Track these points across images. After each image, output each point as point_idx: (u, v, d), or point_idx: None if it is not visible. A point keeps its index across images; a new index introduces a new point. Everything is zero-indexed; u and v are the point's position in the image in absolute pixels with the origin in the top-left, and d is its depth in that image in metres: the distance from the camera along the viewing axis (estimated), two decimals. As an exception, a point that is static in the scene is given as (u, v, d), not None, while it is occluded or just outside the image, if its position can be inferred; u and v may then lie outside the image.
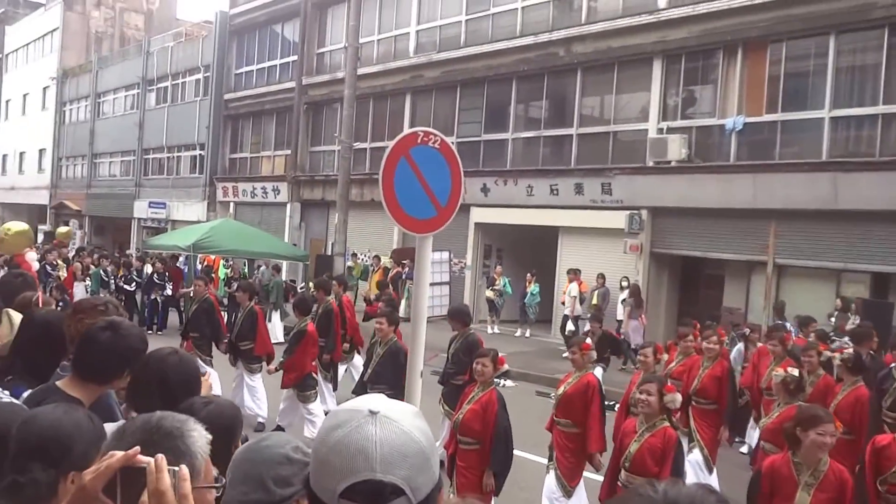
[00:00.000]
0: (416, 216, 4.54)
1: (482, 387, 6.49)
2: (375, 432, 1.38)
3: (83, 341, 2.86)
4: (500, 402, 6.37)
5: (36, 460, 1.97)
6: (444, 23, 22.51)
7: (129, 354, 2.83)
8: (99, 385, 2.85)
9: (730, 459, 8.77)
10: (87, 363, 2.82)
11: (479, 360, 6.51)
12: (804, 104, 15.49)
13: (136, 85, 36.31)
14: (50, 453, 1.98)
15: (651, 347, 8.06)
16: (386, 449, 1.37)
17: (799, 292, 15.62)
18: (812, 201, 14.73)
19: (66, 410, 2.15)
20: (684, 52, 17.21)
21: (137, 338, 2.90)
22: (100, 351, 2.79)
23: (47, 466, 1.97)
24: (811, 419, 4.75)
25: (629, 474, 5.50)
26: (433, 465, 1.42)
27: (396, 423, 1.40)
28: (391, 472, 1.36)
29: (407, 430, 1.40)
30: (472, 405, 6.43)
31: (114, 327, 2.86)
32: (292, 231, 26.92)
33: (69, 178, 42.41)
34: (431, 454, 1.42)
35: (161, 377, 2.74)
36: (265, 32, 29.84)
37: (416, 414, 1.47)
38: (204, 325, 11.28)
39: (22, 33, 48.21)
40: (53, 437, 2.01)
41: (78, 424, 2.07)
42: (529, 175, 19.69)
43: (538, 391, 13.73)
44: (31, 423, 2.06)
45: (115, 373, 2.84)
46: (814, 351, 8.33)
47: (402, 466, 1.36)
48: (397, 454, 1.37)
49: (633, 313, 16.54)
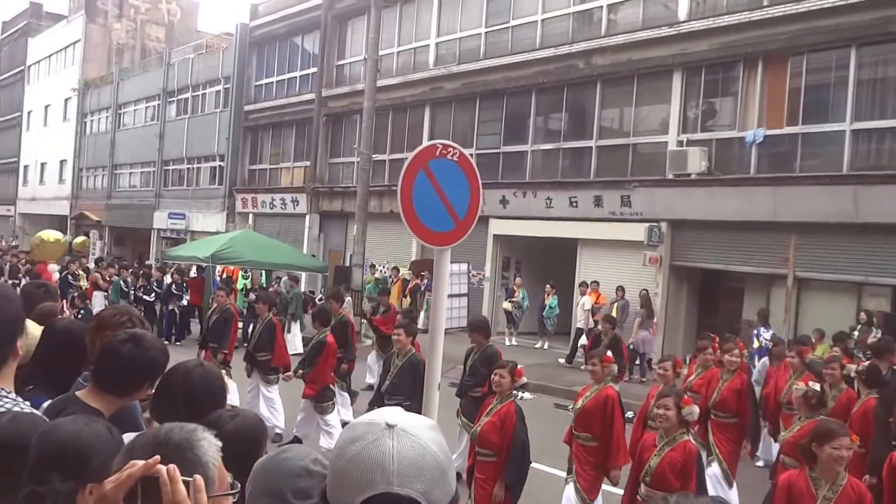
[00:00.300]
0: (434, 228, 4.54)
1: (500, 398, 6.48)
2: (393, 446, 1.39)
3: (104, 353, 2.86)
4: (519, 415, 6.36)
5: (55, 471, 1.97)
6: (464, 35, 22.56)
7: (150, 367, 2.83)
8: (119, 397, 2.85)
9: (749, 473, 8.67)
10: (107, 375, 2.82)
11: (497, 372, 6.50)
12: (825, 117, 15.38)
13: (157, 96, 36.59)
14: (69, 464, 1.97)
15: (670, 361, 8.00)
16: (403, 463, 1.37)
17: (819, 306, 15.48)
18: (833, 214, 14.61)
19: (87, 422, 2.14)
20: (704, 65, 17.15)
21: (159, 350, 2.89)
22: (121, 363, 2.78)
23: (66, 477, 1.96)
24: (826, 434, 4.73)
25: (649, 489, 5.45)
26: (450, 478, 1.43)
27: (414, 436, 1.41)
28: (408, 485, 1.36)
29: (424, 444, 1.41)
30: (490, 417, 6.42)
31: (136, 340, 2.85)
32: (311, 242, 26.99)
33: (90, 189, 42.77)
34: (448, 468, 1.43)
35: (186, 389, 2.76)
36: (285, 44, 30.01)
37: (432, 427, 1.47)
38: (223, 335, 11.35)
39: (44, 45, 48.78)
40: (73, 448, 2.00)
41: (97, 436, 2.07)
42: (548, 187, 19.66)
43: (556, 403, 13.66)
44: (50, 434, 2.06)
45: (136, 385, 2.84)
46: (836, 364, 8.24)
47: (419, 480, 1.37)
48: (414, 468, 1.38)
49: (644, 324, 16.55)
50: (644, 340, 16.45)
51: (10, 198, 51.71)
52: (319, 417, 9.86)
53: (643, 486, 5.53)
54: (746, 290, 17.41)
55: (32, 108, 49.83)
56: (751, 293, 17.24)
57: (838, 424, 5.05)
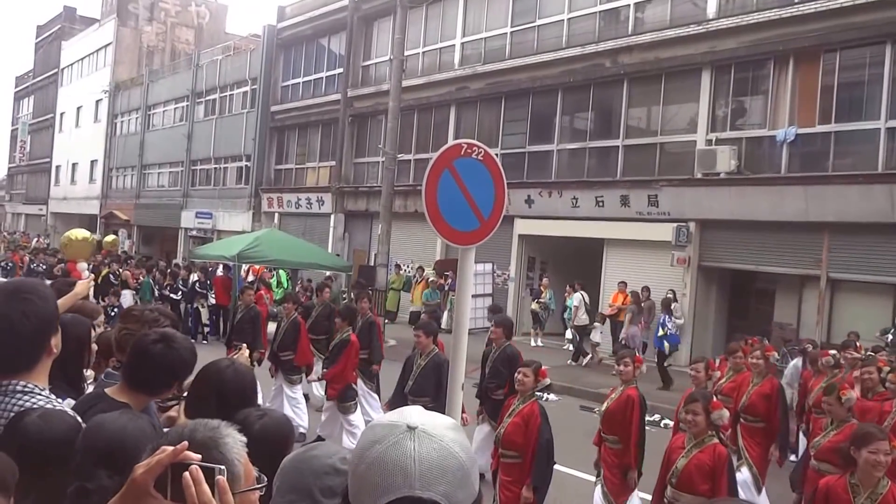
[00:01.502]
0: (458, 228, 4.51)
1: (522, 398, 6.40)
2: (414, 448, 1.36)
3: (135, 352, 2.89)
4: (543, 415, 6.30)
5: (102, 467, 2.01)
6: (490, 35, 22.50)
7: (179, 367, 2.88)
8: (148, 395, 2.89)
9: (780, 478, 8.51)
10: (138, 374, 2.86)
11: (521, 371, 6.46)
12: (859, 114, 15.11)
13: (186, 97, 36.97)
14: (115, 460, 2.01)
15: (703, 363, 7.88)
16: (425, 466, 1.35)
17: (853, 307, 15.21)
18: (867, 214, 14.35)
19: (131, 418, 2.22)
20: (734, 63, 16.93)
21: (189, 351, 2.93)
22: (152, 363, 2.82)
23: (113, 473, 1.99)
24: (864, 437, 4.63)
25: (675, 490, 5.39)
26: (473, 479, 1.40)
27: (435, 438, 1.38)
28: (430, 488, 1.34)
29: (446, 446, 1.38)
30: (513, 418, 6.34)
31: (166, 340, 2.88)
32: (336, 242, 27.07)
33: (119, 189, 43.31)
34: (471, 469, 1.40)
35: (218, 389, 2.84)
36: (312, 45, 30.15)
37: (454, 427, 1.44)
38: (248, 334, 11.36)
39: (77, 48, 49.51)
40: (119, 443, 2.06)
41: (142, 431, 2.13)
42: (574, 187, 19.53)
43: (582, 405, 13.54)
44: (96, 431, 2.12)
45: (166, 384, 2.89)
46: (873, 367, 8.06)
47: (441, 483, 1.34)
48: (437, 470, 1.35)
49: (635, 319, 16.69)
50: (633, 335, 16.57)
51: (42, 197, 52.54)
52: (343, 417, 9.82)
53: (669, 488, 5.46)
54: (778, 291, 17.18)
55: (65, 109, 50.62)
56: (782, 294, 17.01)
57: (877, 428, 4.94)
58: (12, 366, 2.45)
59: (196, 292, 19.66)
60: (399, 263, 23.46)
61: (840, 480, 4.76)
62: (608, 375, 14.41)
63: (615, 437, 6.89)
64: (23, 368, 2.46)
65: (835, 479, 4.85)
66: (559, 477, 8.04)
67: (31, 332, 2.46)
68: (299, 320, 11.20)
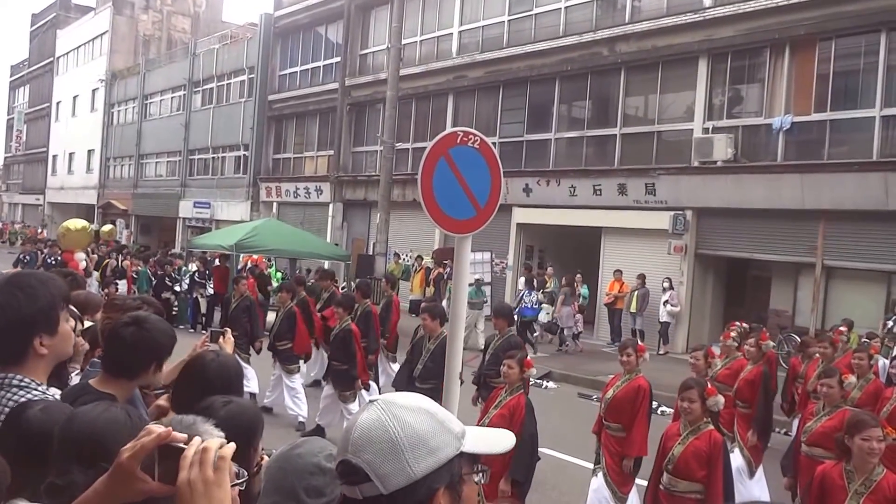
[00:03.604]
0: (454, 216, 4.50)
1: (509, 390, 6.28)
2: (361, 417, 1.46)
3: (108, 338, 2.89)
4: (528, 408, 6.16)
5: (74, 462, 1.96)
6: (487, 23, 22.45)
7: (154, 348, 2.84)
8: (129, 380, 2.86)
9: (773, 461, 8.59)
10: (113, 359, 2.84)
11: (506, 362, 6.29)
12: (854, 103, 15.14)
13: (182, 87, 36.85)
14: (88, 454, 1.97)
15: (702, 351, 7.91)
16: (359, 432, 1.43)
17: (848, 295, 15.28)
18: (862, 202, 14.40)
19: (104, 409, 2.13)
20: (730, 51, 16.94)
21: (163, 332, 2.90)
22: (124, 346, 2.80)
23: (86, 468, 1.95)
24: (856, 425, 4.67)
25: (672, 477, 5.41)
26: (408, 458, 1.40)
27: (383, 410, 1.44)
28: (358, 454, 1.41)
29: (386, 419, 1.43)
30: (499, 409, 6.18)
31: (137, 322, 2.86)
32: (334, 231, 27.07)
33: (116, 179, 43.23)
34: (409, 448, 1.41)
35: (203, 380, 2.77)
36: (309, 34, 30.06)
37: (416, 409, 1.46)
38: (245, 323, 11.42)
39: (73, 37, 49.29)
40: (89, 437, 2.00)
41: (114, 422, 2.05)
42: (572, 175, 19.55)
43: (580, 393, 13.62)
44: (68, 425, 2.06)
45: (143, 367, 2.84)
46: (864, 354, 8.13)
47: (367, 451, 1.41)
48: (365, 438, 1.42)
49: (567, 300, 17.58)
50: (565, 316, 17.53)
51: (39, 187, 52.44)
52: (343, 406, 9.86)
53: (665, 475, 5.48)
54: (773, 278, 17.26)
55: (61, 98, 50.43)
56: (778, 282, 17.08)
57: (869, 415, 4.97)
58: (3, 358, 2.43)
59: (195, 282, 19.66)
60: (398, 252, 23.48)
61: (835, 467, 4.80)
62: (606, 363, 14.48)
63: (619, 425, 6.83)
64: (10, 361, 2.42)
65: (830, 466, 4.89)
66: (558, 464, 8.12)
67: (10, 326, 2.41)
68: (295, 310, 11.24)
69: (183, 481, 1.44)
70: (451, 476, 1.46)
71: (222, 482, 1.46)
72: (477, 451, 1.52)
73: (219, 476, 1.46)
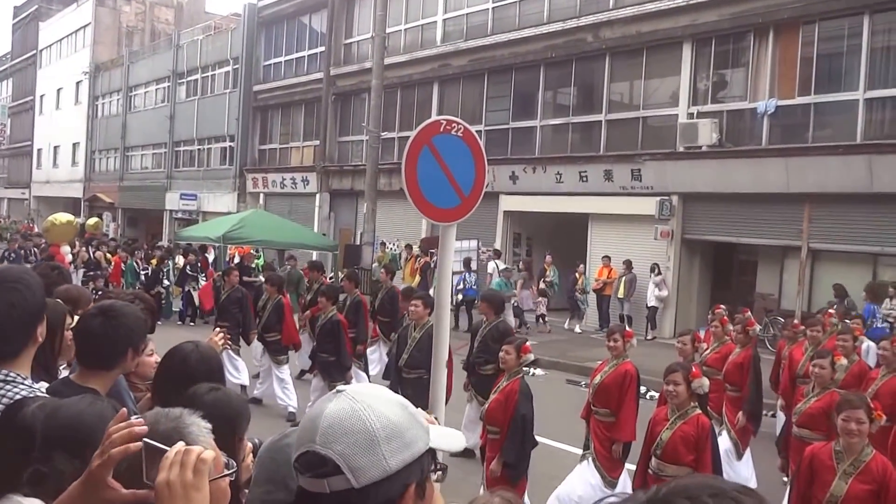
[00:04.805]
0: (439, 205, 4.50)
1: (508, 375, 6.42)
2: (329, 407, 1.40)
3: (78, 330, 2.88)
4: (523, 391, 6.26)
5: (58, 451, 1.98)
6: (471, 11, 22.38)
7: (126, 335, 2.83)
8: (107, 371, 2.84)
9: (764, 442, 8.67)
10: (85, 351, 2.84)
11: (503, 349, 6.44)
12: (838, 86, 15.20)
13: (167, 78, 36.60)
14: (72, 444, 1.98)
15: (689, 335, 7.97)
16: (328, 422, 1.37)
17: (834, 277, 15.34)
18: (847, 184, 14.48)
19: (91, 401, 2.16)
20: (714, 36, 16.96)
21: (133, 317, 2.88)
22: (94, 337, 2.79)
23: (70, 457, 1.98)
24: (841, 405, 4.78)
25: (660, 462, 5.44)
26: (383, 451, 1.36)
27: (353, 401, 1.40)
28: (328, 445, 1.35)
29: (359, 409, 1.38)
30: (497, 395, 6.37)
31: (104, 312, 2.85)
32: (321, 221, 27.03)
33: (102, 172, 42.96)
34: (384, 441, 1.37)
35: (185, 372, 2.76)
36: (293, 24, 29.91)
37: (388, 401, 1.43)
38: (236, 314, 11.41)
39: (55, 29, 48.83)
40: (76, 428, 2.02)
41: (101, 414, 2.06)
42: (558, 162, 19.56)
43: (569, 379, 13.66)
44: (55, 415, 2.08)
45: (117, 356, 2.83)
46: (849, 335, 8.20)
47: (340, 442, 1.35)
48: (337, 428, 1.36)
49: (526, 284, 18.25)
50: (524, 298, 18.22)
51: (24, 181, 52.05)
52: (331, 396, 9.87)
53: (654, 460, 5.52)
54: (760, 262, 17.34)
55: (45, 91, 50.00)
56: (764, 265, 17.17)
57: (858, 397, 5.02)
58: None
59: (187, 275, 19.56)
60: (385, 241, 23.46)
61: (825, 448, 4.85)
62: (595, 349, 14.53)
63: (606, 410, 6.88)
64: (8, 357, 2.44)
65: (820, 447, 4.95)
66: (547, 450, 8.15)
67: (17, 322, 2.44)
68: (283, 301, 11.24)
69: (162, 482, 1.43)
70: (421, 472, 1.43)
71: (201, 486, 1.45)
72: (439, 447, 1.50)
73: (198, 479, 1.45)
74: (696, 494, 0.95)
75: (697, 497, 0.94)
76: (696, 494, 0.95)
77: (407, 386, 7.96)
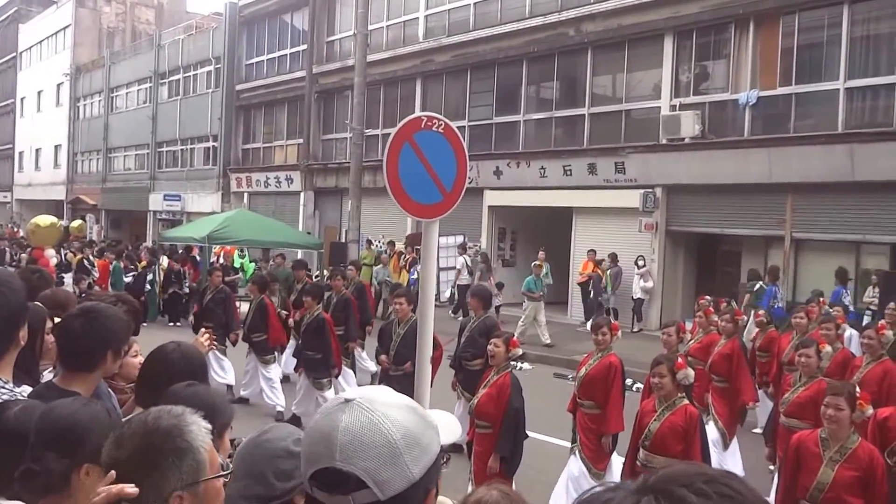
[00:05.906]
0: (421, 201, 4.48)
1: (497, 369, 6.44)
2: (343, 419, 1.34)
3: (59, 332, 2.88)
4: (514, 385, 6.31)
5: (50, 450, 2.02)
6: (453, 6, 22.36)
7: (106, 336, 2.81)
8: (89, 373, 2.83)
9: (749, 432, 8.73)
10: (67, 353, 2.83)
11: (492, 342, 6.47)
12: (818, 76, 15.29)
13: (149, 79, 36.42)
14: (64, 444, 2.03)
15: (674, 326, 8.01)
16: (348, 437, 1.32)
17: (817, 266, 15.48)
18: (829, 174, 14.56)
19: (84, 403, 2.20)
20: (696, 28, 17.02)
21: (114, 319, 2.87)
22: (75, 339, 2.78)
23: (61, 456, 2.01)
24: (825, 391, 4.79)
25: (648, 453, 5.47)
26: (406, 461, 1.34)
27: (369, 412, 1.35)
28: (351, 462, 1.31)
29: (378, 421, 1.34)
30: (487, 389, 6.39)
31: (85, 313, 2.84)
32: (306, 219, 26.99)
33: (85, 173, 42.70)
34: (405, 450, 1.34)
35: (168, 373, 2.76)
36: (275, 22, 29.81)
37: (401, 406, 1.40)
38: (220, 315, 11.38)
39: (35, 31, 48.45)
40: (69, 428, 2.05)
41: (94, 417, 2.11)
42: (542, 156, 19.59)
43: (556, 373, 13.70)
44: (48, 415, 2.12)
45: (98, 358, 2.81)
46: (832, 324, 8.26)
47: (364, 457, 1.32)
48: (359, 443, 1.32)
49: (484, 276, 17.91)
50: None
51: (6, 184, 51.64)
52: (318, 394, 9.87)
53: (642, 451, 5.55)
54: (744, 252, 17.42)
55: (25, 94, 49.62)
56: (748, 256, 17.24)
57: (842, 385, 5.05)
58: None
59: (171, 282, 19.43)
60: (370, 239, 23.44)
61: (811, 435, 4.88)
62: (581, 343, 14.57)
63: (592, 403, 6.93)
64: None
65: (806, 434, 4.98)
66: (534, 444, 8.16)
67: None
68: (266, 301, 11.23)
69: None
70: (437, 472, 1.41)
71: None
72: (446, 441, 1.48)
73: None
74: (689, 482, 0.95)
75: (691, 484, 0.94)
76: (689, 482, 0.95)
77: (393, 383, 7.97)
